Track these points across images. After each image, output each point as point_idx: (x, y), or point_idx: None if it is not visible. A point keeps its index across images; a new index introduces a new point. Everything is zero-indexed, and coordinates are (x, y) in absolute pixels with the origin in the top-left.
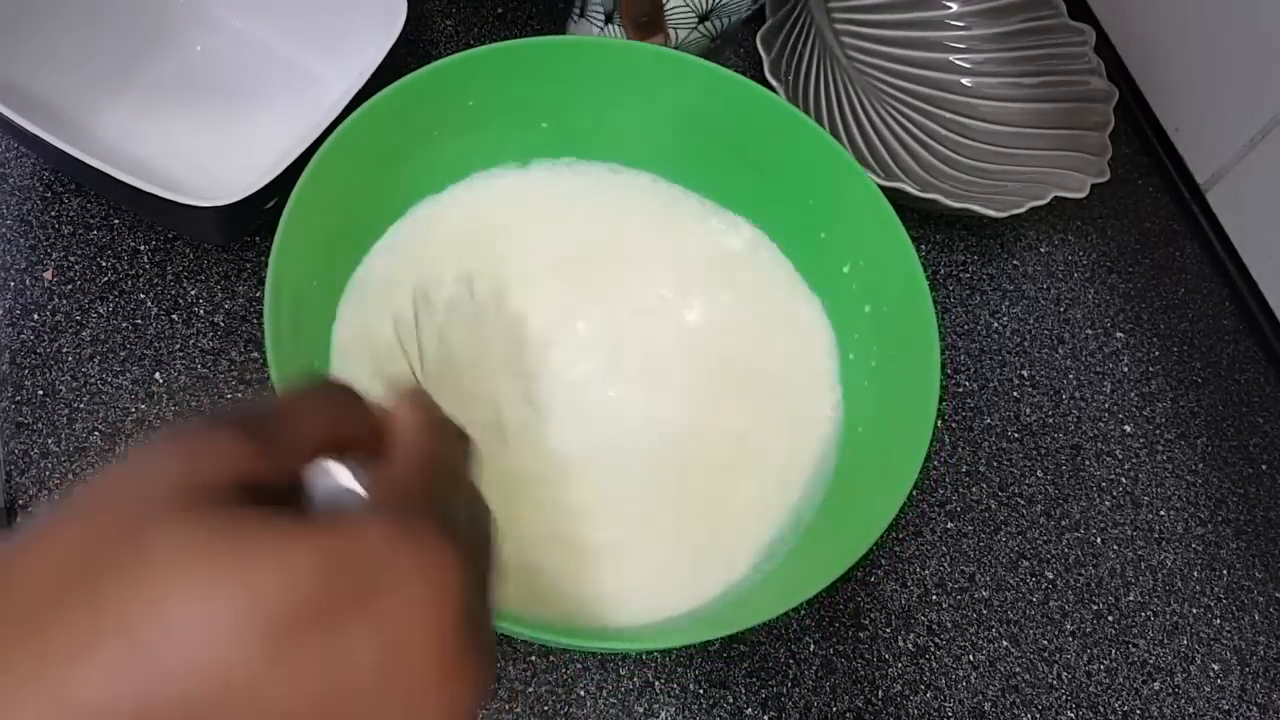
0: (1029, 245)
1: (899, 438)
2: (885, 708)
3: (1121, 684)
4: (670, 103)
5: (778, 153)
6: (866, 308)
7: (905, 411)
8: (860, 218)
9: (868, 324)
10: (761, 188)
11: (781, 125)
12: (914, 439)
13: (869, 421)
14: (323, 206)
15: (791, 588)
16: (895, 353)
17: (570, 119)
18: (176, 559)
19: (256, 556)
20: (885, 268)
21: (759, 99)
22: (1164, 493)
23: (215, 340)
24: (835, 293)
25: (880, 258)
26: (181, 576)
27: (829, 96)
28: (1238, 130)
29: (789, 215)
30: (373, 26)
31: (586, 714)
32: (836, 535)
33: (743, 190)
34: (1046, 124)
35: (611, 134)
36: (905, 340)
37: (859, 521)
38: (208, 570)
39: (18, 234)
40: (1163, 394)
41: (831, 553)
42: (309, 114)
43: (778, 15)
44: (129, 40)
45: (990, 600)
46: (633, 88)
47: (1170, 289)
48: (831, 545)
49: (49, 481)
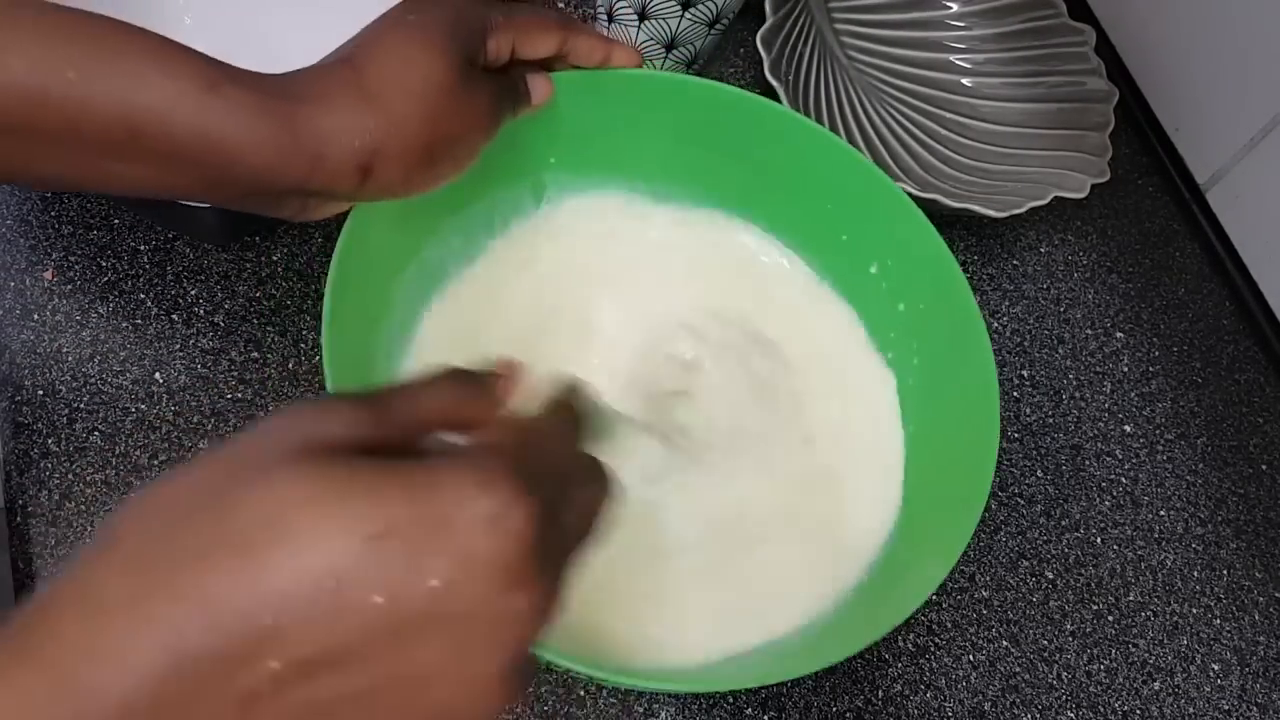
0: (1029, 245)
1: (954, 496)
2: (885, 708)
3: (1121, 684)
4: (670, 124)
5: (784, 159)
6: (901, 306)
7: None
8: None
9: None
10: (788, 201)
11: (788, 133)
12: (969, 502)
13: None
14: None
15: (827, 649)
16: (940, 350)
17: (574, 151)
18: (295, 490)
19: (356, 491)
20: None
21: (760, 109)
22: (1164, 493)
23: (215, 340)
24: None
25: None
26: (299, 501)
27: (829, 96)
28: (1238, 130)
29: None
30: None
31: (586, 714)
32: (880, 602)
33: (764, 205)
34: (1047, 124)
35: (619, 160)
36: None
37: (907, 585)
38: (318, 499)
39: (18, 234)
40: (1163, 394)
41: (870, 619)
42: None
43: (778, 15)
44: None
45: (990, 600)
46: (628, 113)
47: (1170, 289)
48: (874, 610)
49: (49, 481)
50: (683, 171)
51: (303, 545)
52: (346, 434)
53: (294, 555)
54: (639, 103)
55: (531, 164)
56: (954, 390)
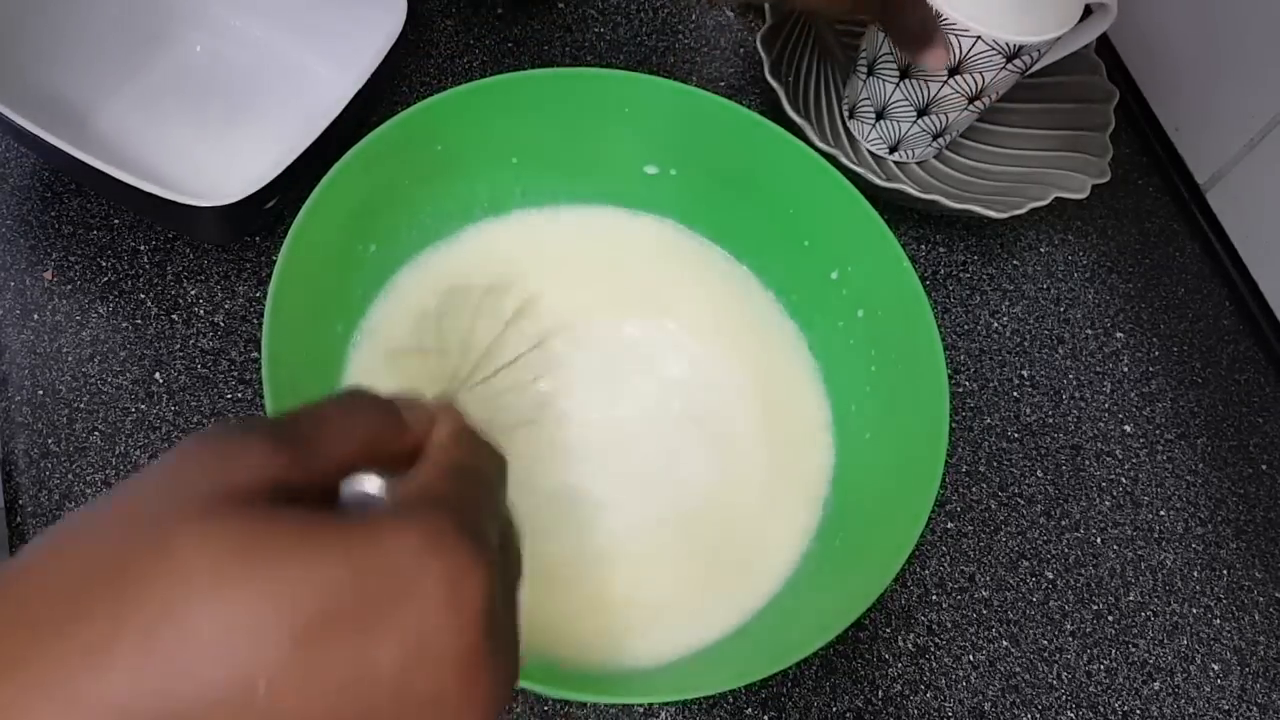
0: (1029, 245)
1: (911, 452)
2: (885, 708)
3: (1121, 684)
4: (644, 122)
5: (755, 167)
6: (860, 312)
7: (915, 422)
8: (844, 223)
9: (860, 328)
10: (758, 222)
11: (761, 141)
12: (929, 454)
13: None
14: (313, 265)
15: (808, 628)
16: (895, 357)
17: (546, 146)
18: (201, 562)
19: (281, 561)
20: (877, 278)
21: (741, 119)
22: (1164, 493)
23: (215, 340)
24: (820, 300)
25: (871, 268)
26: (206, 579)
27: (829, 97)
28: (1238, 130)
29: (771, 235)
30: (373, 26)
31: (586, 714)
32: (855, 554)
33: (729, 220)
34: (1047, 125)
35: (590, 157)
36: (905, 343)
37: (876, 547)
38: (232, 574)
39: (18, 234)
40: (1163, 394)
41: (858, 573)
42: (309, 114)
43: (778, 17)
44: (129, 40)
45: (990, 600)
46: (603, 111)
47: (1170, 289)
48: (855, 564)
49: (49, 481)
50: (638, 174)
51: (218, 644)
52: (260, 477)
53: (208, 658)
54: (606, 101)
55: (491, 166)
56: (908, 394)
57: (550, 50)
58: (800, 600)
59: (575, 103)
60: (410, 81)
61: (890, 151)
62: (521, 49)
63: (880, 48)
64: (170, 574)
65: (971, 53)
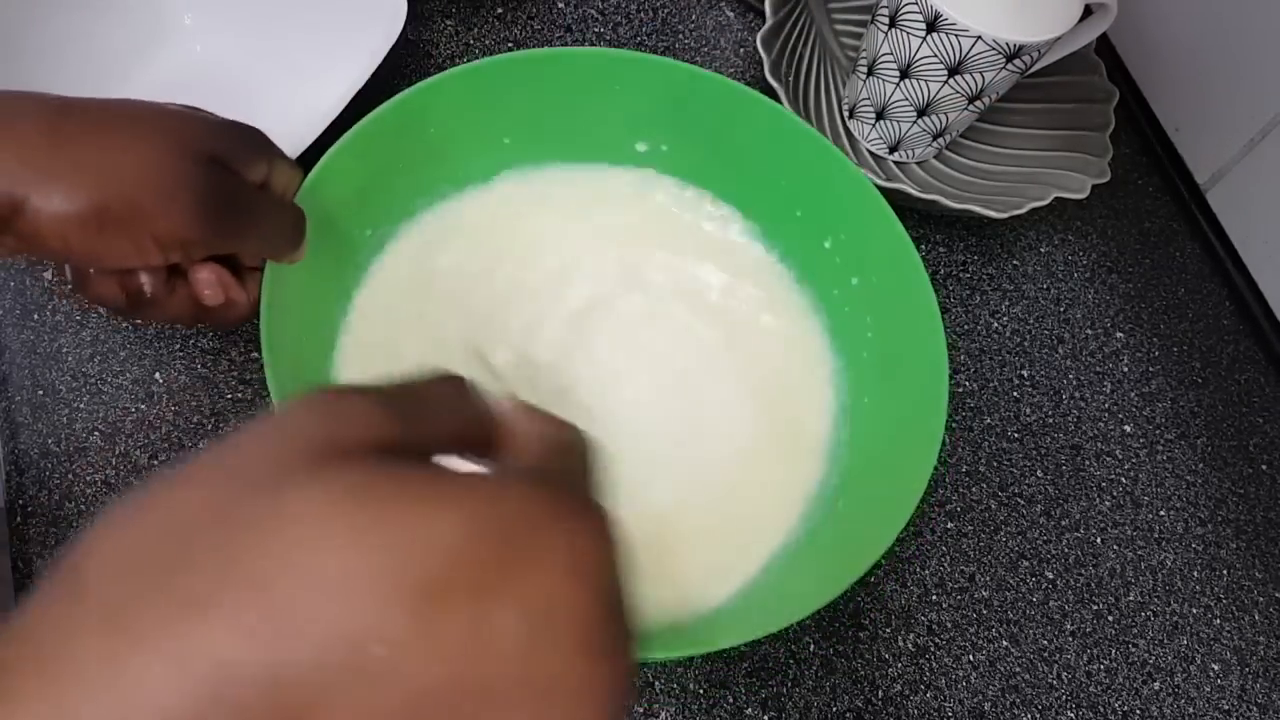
0: (1029, 245)
1: (908, 425)
2: (885, 708)
3: (1121, 684)
4: (634, 100)
5: (749, 140)
6: (854, 280)
7: (913, 391)
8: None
9: (856, 295)
10: (751, 181)
11: (752, 113)
12: (927, 426)
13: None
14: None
15: (811, 587)
16: (891, 325)
17: (539, 126)
18: (314, 514)
19: (401, 512)
20: (873, 250)
21: (727, 90)
22: (1164, 493)
23: (215, 340)
24: (818, 269)
25: (869, 242)
26: (319, 532)
27: (829, 97)
28: (1238, 130)
29: (767, 199)
30: (373, 26)
31: None
32: (855, 523)
33: (724, 179)
34: (1047, 124)
35: (582, 136)
36: (904, 314)
37: (875, 512)
38: (347, 528)
39: None
40: (1163, 394)
41: (854, 541)
42: (309, 114)
43: (778, 16)
44: (129, 40)
45: (990, 600)
46: (594, 90)
47: (1170, 289)
48: (857, 529)
49: (49, 481)
50: (629, 151)
51: (331, 598)
52: (368, 435)
53: (320, 614)
54: (596, 79)
55: (487, 141)
56: (907, 361)
57: None
58: (822, 542)
59: (566, 81)
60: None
61: (890, 151)
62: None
63: (880, 48)
64: (280, 522)
65: (971, 53)
